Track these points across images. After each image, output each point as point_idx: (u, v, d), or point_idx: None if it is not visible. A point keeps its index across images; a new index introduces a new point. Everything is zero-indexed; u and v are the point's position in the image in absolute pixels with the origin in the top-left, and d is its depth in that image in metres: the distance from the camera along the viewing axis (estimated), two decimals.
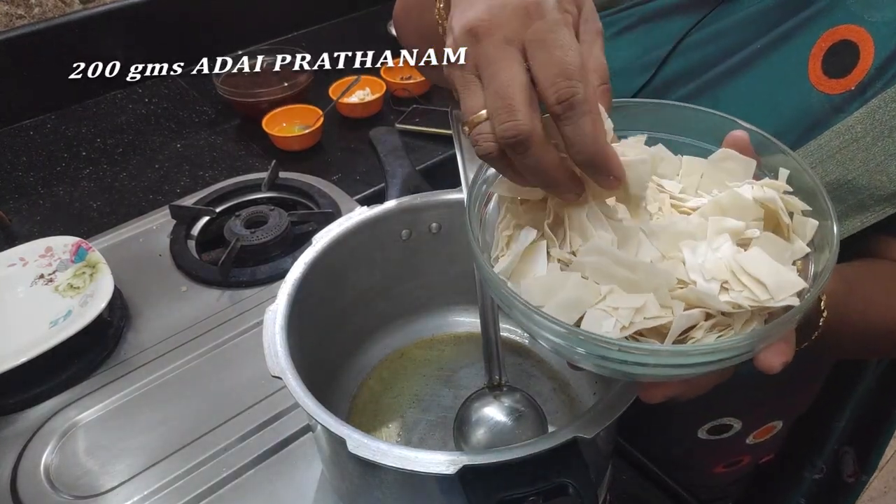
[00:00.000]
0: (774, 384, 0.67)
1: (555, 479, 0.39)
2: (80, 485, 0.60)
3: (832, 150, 0.49)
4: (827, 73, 0.50)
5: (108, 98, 1.24)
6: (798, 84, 0.51)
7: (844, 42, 0.50)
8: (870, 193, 0.49)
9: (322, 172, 0.96)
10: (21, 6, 1.14)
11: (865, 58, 0.49)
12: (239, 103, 1.15)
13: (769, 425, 0.74)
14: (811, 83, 0.51)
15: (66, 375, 0.68)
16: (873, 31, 0.49)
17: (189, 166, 1.07)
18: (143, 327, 0.74)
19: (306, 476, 0.60)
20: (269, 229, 0.83)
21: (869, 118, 0.48)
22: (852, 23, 0.49)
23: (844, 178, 0.49)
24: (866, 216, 0.50)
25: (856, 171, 0.49)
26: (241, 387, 0.67)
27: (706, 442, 0.72)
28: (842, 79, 0.50)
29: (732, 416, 0.70)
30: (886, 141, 0.48)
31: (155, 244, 0.85)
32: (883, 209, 0.49)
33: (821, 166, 0.50)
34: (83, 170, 1.07)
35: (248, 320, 0.74)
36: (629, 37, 0.60)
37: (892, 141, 0.48)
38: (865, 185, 0.49)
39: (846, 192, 0.50)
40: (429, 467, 0.39)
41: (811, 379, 0.72)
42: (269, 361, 0.45)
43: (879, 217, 0.49)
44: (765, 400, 0.71)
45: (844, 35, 0.50)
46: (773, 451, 0.84)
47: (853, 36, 0.49)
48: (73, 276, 0.76)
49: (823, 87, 0.50)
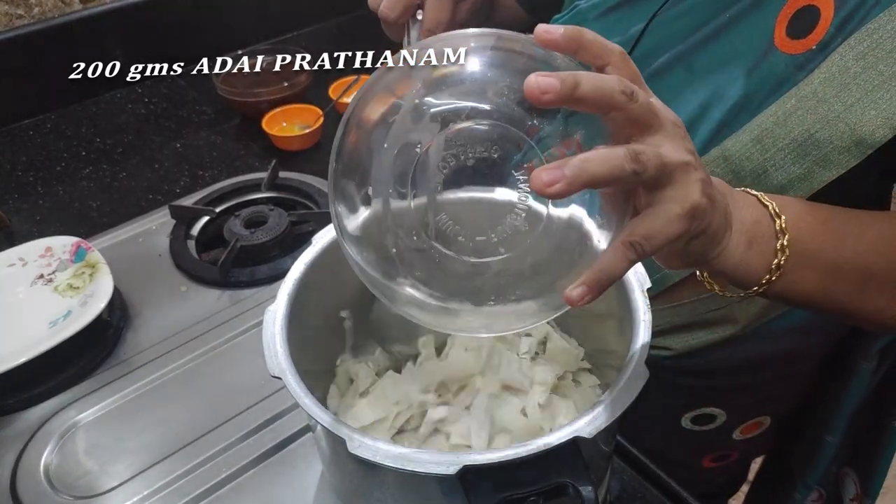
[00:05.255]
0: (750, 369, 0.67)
1: (555, 478, 0.39)
2: (79, 485, 0.60)
3: (794, 107, 0.52)
4: (790, 35, 0.53)
5: (107, 98, 1.24)
6: (764, 48, 0.54)
7: (807, 7, 0.52)
8: (833, 146, 0.51)
9: (322, 172, 0.96)
10: (21, 6, 1.14)
11: (826, 17, 0.51)
12: (239, 103, 1.14)
13: (756, 420, 0.75)
14: (776, 46, 0.53)
15: (66, 375, 0.68)
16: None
17: (189, 166, 1.07)
18: (142, 327, 0.74)
19: (306, 476, 0.60)
20: (268, 229, 0.83)
21: (827, 73, 0.51)
22: None
23: (808, 132, 0.52)
24: (832, 170, 0.52)
25: (817, 124, 0.51)
26: (241, 387, 0.67)
27: (691, 432, 0.73)
28: (803, 39, 0.52)
29: (715, 406, 0.71)
30: (844, 92, 0.50)
31: (154, 244, 0.85)
32: (846, 160, 0.51)
33: (784, 124, 0.52)
34: (83, 170, 1.07)
35: (247, 320, 0.74)
36: (613, 16, 0.64)
37: (849, 92, 0.50)
38: (827, 138, 0.51)
39: (810, 146, 0.52)
40: (429, 467, 0.39)
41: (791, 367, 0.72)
42: (269, 361, 0.45)
43: (843, 169, 0.51)
44: (746, 388, 0.71)
45: (808, 1, 0.52)
46: (764, 451, 0.84)
47: (816, 1, 0.51)
48: (72, 276, 0.76)
49: (787, 48, 0.53)
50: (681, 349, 0.66)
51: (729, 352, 0.66)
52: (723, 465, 0.80)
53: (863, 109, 0.49)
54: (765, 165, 0.54)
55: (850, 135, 0.50)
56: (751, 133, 0.54)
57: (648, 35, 0.61)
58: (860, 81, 0.49)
